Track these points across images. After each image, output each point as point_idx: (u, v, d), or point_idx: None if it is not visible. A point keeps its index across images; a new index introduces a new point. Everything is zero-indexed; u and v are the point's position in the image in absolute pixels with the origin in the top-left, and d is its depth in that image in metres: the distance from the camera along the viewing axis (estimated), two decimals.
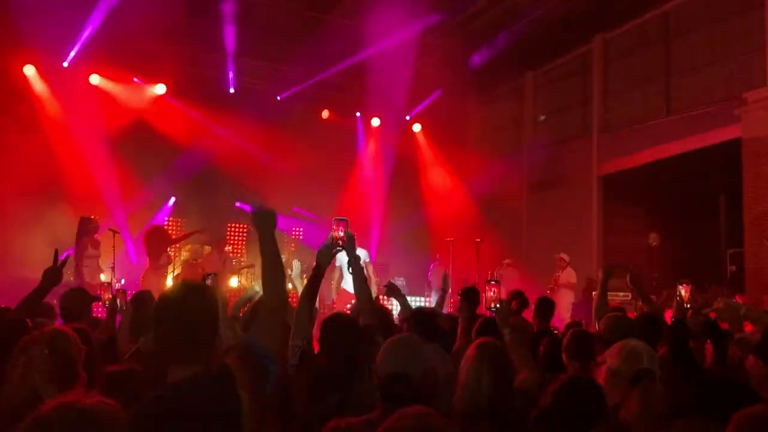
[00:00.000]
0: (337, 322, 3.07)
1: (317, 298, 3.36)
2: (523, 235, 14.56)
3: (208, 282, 3.88)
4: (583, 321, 8.48)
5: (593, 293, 11.46)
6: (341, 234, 3.39)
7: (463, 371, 2.55)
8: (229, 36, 12.09)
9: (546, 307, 5.29)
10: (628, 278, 4.90)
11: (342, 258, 10.02)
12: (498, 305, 3.58)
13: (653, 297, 9.71)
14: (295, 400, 2.86)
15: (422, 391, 2.36)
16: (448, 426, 1.92)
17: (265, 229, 2.54)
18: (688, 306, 4.61)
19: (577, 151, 13.54)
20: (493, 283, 3.69)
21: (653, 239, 11.05)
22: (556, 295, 10.38)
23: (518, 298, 5.44)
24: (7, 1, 10.03)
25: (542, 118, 14.54)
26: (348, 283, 9.87)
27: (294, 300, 5.16)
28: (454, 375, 2.76)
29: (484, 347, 2.60)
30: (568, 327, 5.01)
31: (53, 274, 3.20)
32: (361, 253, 9.62)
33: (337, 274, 10.40)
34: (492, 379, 2.50)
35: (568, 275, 11.54)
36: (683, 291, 4.64)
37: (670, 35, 11.90)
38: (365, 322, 3.33)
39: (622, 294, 11.02)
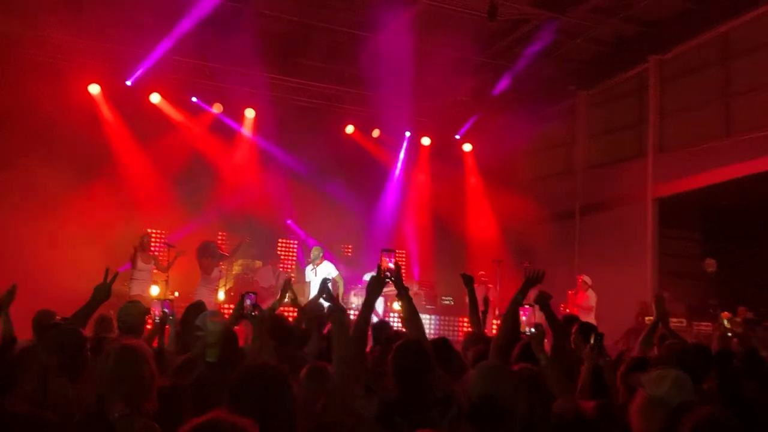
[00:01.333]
0: (407, 348, 3.03)
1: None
2: (575, 257, 14.31)
3: (248, 301, 3.95)
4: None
5: (646, 318, 11.27)
6: (390, 265, 3.37)
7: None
8: (286, 57, 12.41)
9: (589, 332, 5.18)
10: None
11: (307, 275, 9.93)
12: (533, 329, 3.53)
13: (708, 324, 9.48)
14: (362, 429, 2.87)
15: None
16: None
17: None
18: (731, 335, 4.47)
19: (631, 173, 13.28)
20: (527, 306, 3.64)
21: (709, 265, 10.75)
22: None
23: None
24: (74, 20, 10.49)
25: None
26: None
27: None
28: None
29: (521, 374, 2.60)
30: (621, 354, 4.90)
31: (103, 291, 3.33)
32: (328, 267, 9.56)
33: (306, 290, 9.90)
34: (528, 406, 2.49)
35: (589, 298, 11.31)
36: (725, 320, 4.52)
37: (729, 56, 11.62)
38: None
39: (676, 320, 10.76)
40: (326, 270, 9.50)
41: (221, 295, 10.83)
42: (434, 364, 2.91)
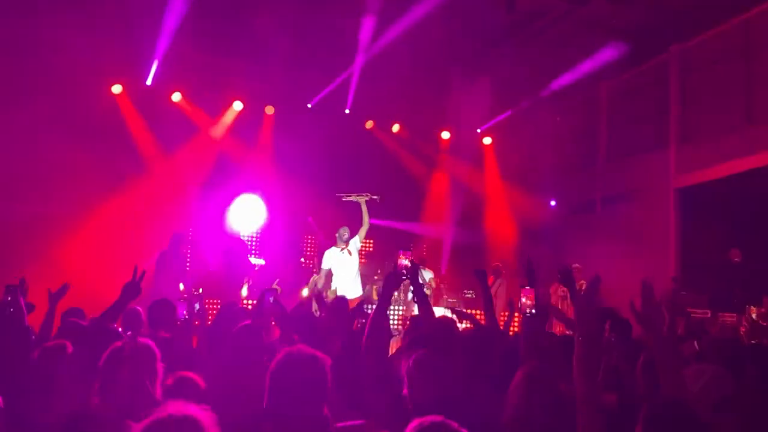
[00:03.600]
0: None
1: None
2: (597, 250, 14.23)
3: (270, 298, 4.04)
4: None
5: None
6: (406, 263, 3.53)
7: (514, 394, 2.58)
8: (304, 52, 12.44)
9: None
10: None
11: (330, 260, 9.48)
12: (534, 311, 3.61)
13: (733, 315, 9.38)
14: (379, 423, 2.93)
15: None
16: None
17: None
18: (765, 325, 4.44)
19: (653, 164, 13.17)
20: (527, 288, 3.69)
21: (734, 255, 10.62)
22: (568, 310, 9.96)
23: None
24: (91, 20, 10.63)
25: None
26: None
27: None
28: None
29: (534, 372, 2.63)
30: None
31: (132, 289, 3.42)
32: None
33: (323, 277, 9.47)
34: (542, 403, 2.53)
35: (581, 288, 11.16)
36: (753, 312, 4.50)
37: (752, 44, 11.46)
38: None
39: (700, 311, 10.67)
40: (356, 245, 9.28)
41: (245, 291, 10.95)
42: None
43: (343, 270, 9.11)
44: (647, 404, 2.30)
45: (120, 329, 4.51)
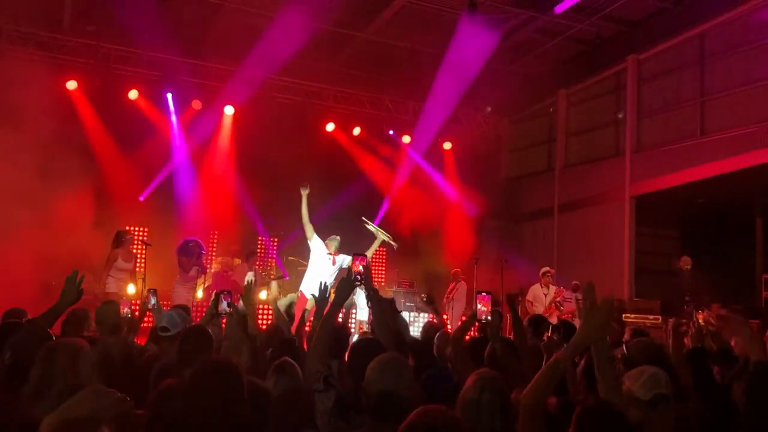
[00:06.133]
0: (365, 345, 3.11)
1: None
2: (554, 255, 14.42)
3: (224, 302, 3.99)
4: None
5: (623, 315, 11.38)
6: (360, 269, 3.53)
7: (464, 400, 2.57)
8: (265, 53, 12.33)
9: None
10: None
11: (314, 251, 9.21)
12: (489, 317, 3.63)
13: (684, 321, 9.56)
14: (321, 423, 2.90)
15: (410, 408, 2.43)
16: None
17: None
18: (706, 332, 4.53)
19: (609, 171, 13.41)
20: (483, 294, 3.72)
21: (684, 262, 10.84)
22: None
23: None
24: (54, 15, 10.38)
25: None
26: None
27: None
28: None
29: (484, 379, 2.63)
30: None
31: (71, 294, 3.33)
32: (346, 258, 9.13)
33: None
34: (491, 412, 2.54)
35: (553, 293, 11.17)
36: (699, 317, 4.59)
37: (706, 56, 11.77)
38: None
39: (652, 317, 10.88)
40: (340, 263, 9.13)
41: (200, 294, 10.77)
42: None
43: (321, 274, 8.79)
44: (579, 406, 2.35)
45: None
